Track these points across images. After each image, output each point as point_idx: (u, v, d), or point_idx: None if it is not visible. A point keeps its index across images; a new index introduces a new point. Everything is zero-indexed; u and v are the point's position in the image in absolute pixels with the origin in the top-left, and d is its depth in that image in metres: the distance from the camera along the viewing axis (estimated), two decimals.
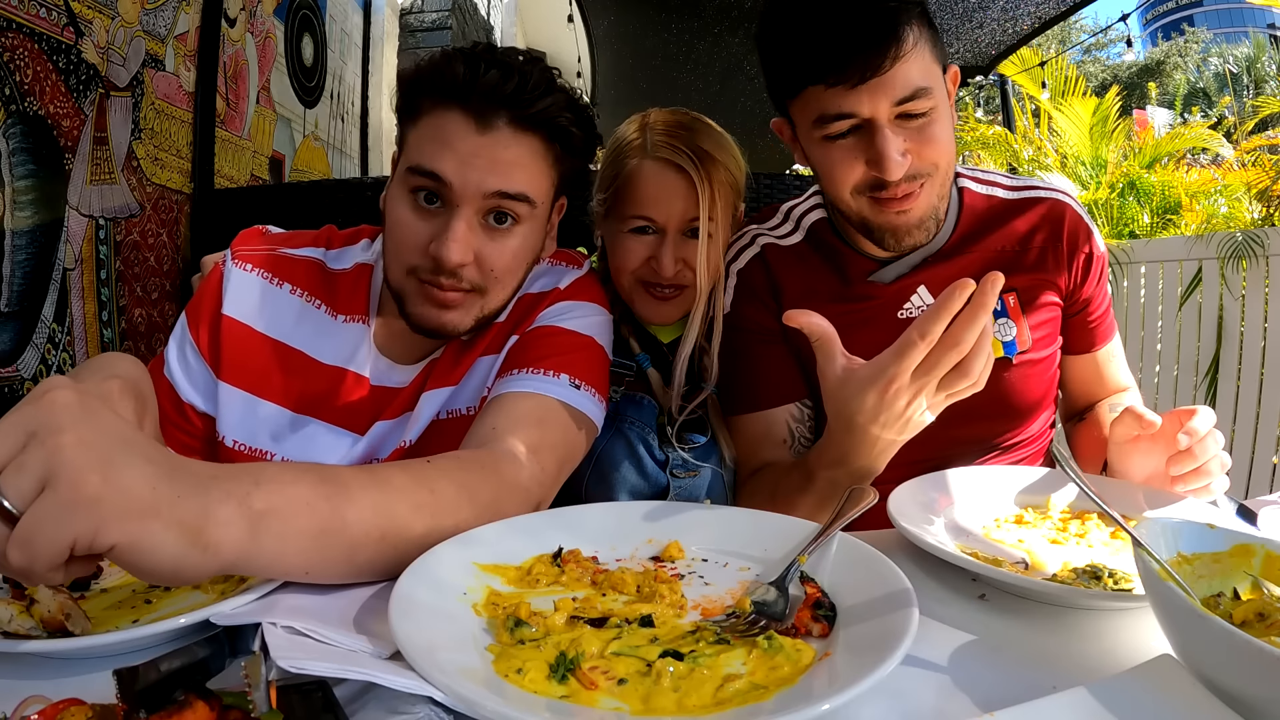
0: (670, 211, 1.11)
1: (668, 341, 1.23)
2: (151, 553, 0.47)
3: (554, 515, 0.74)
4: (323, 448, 0.95)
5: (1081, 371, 1.17)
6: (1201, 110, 17.50)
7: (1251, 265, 2.98)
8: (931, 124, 0.94)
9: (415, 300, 0.89)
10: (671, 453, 1.15)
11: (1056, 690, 0.47)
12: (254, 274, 0.97)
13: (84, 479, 0.45)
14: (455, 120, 0.85)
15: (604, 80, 8.09)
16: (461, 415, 0.97)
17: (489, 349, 0.98)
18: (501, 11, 6.41)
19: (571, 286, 1.01)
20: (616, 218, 1.15)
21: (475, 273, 0.88)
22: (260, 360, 0.95)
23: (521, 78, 0.85)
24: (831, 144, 0.97)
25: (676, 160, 1.10)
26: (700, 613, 0.60)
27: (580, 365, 0.92)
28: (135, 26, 1.67)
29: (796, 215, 1.17)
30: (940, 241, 1.08)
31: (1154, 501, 0.81)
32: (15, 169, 1.36)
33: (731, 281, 1.15)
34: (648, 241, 1.13)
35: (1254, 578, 0.56)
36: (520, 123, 0.86)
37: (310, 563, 0.58)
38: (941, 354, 0.71)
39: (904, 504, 0.76)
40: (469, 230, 0.86)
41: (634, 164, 1.13)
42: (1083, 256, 1.10)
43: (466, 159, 0.84)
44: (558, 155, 0.91)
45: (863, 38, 0.89)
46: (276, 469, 0.57)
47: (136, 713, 0.38)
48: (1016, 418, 1.10)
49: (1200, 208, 4.70)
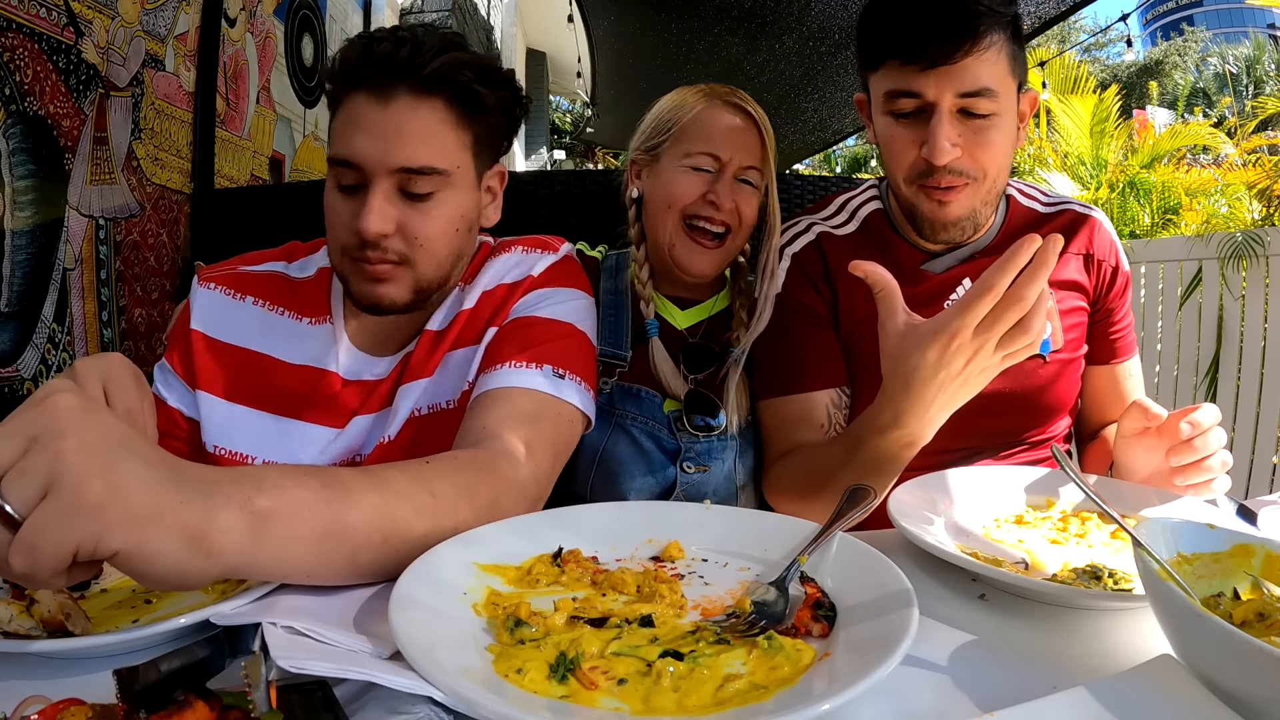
0: (734, 149, 1.14)
1: (685, 327, 1.23)
2: (154, 559, 0.48)
3: (554, 515, 0.74)
4: (300, 444, 0.96)
5: (1099, 383, 1.19)
6: (1202, 110, 17.49)
7: (1252, 265, 2.98)
8: (991, 129, 0.99)
9: (353, 279, 0.92)
10: (685, 440, 1.14)
11: (1056, 690, 0.46)
12: (217, 291, 1.01)
13: (87, 485, 0.45)
14: (360, 102, 0.87)
15: (604, 80, 8.10)
16: (443, 410, 0.97)
17: (463, 340, 0.98)
18: (501, 11, 6.42)
19: (546, 272, 1.01)
20: (673, 157, 1.16)
21: (400, 243, 0.90)
22: (230, 368, 0.98)
23: (415, 44, 0.86)
24: (896, 123, 1.02)
25: (745, 106, 1.17)
26: (700, 613, 0.60)
27: (562, 354, 0.92)
28: (135, 26, 1.67)
29: (852, 207, 1.21)
30: (988, 239, 1.14)
31: (1154, 501, 0.81)
32: (15, 169, 1.36)
33: (785, 264, 1.17)
34: (704, 178, 1.14)
35: (1254, 578, 0.56)
36: (419, 88, 0.87)
37: (312, 566, 0.58)
38: (1005, 309, 0.72)
39: (904, 504, 0.76)
40: (386, 202, 0.87)
41: (699, 109, 1.17)
42: (1109, 268, 1.16)
43: (372, 136, 0.86)
44: (465, 116, 0.91)
45: (945, 26, 0.94)
46: (278, 473, 0.57)
47: (136, 713, 0.38)
48: (1045, 414, 1.13)
49: (1200, 208, 4.70)
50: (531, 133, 9.91)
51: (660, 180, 1.18)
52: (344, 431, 0.97)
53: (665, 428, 1.15)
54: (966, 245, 1.13)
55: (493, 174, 1.00)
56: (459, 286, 1.01)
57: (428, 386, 0.97)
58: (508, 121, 0.97)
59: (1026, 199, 1.20)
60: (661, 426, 1.15)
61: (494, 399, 0.86)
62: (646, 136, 1.22)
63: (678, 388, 1.16)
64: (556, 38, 8.47)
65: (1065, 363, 1.13)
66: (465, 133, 0.91)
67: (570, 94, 12.76)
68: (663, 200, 1.16)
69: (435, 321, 0.98)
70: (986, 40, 0.95)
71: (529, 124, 9.76)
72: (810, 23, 3.91)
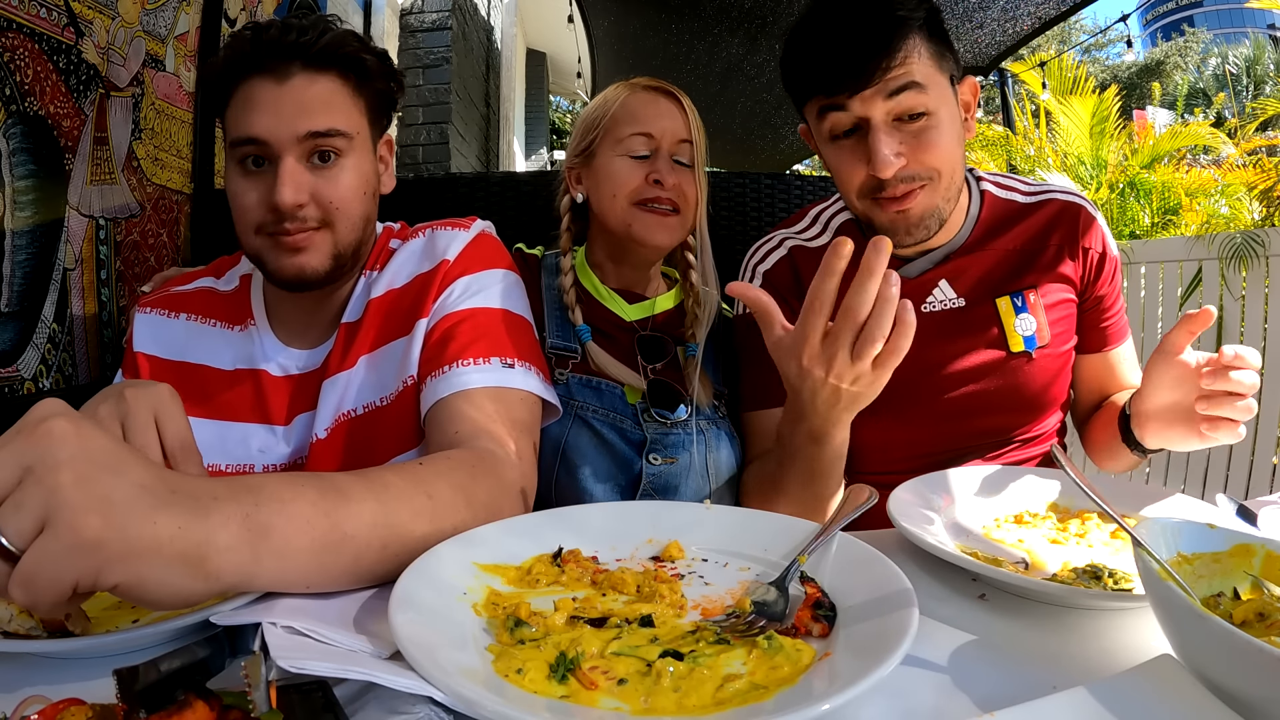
0: (664, 127, 1.16)
1: (635, 319, 1.23)
2: (154, 588, 0.48)
3: (554, 515, 0.74)
4: (238, 441, 0.98)
5: (1094, 370, 1.18)
6: (1202, 111, 17.49)
7: (1252, 266, 2.98)
8: (930, 130, 0.98)
9: (270, 255, 0.94)
10: (652, 430, 1.14)
11: (1056, 690, 0.46)
12: (152, 314, 1.05)
13: (83, 522, 0.44)
14: (256, 85, 0.90)
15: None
16: (378, 407, 0.97)
17: (387, 333, 0.99)
18: (501, 11, 6.41)
19: (463, 255, 1.01)
20: (607, 149, 1.18)
21: (315, 209, 0.92)
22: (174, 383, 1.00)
23: (301, 28, 0.90)
24: (838, 145, 1.02)
25: (663, 88, 1.20)
26: (700, 613, 0.60)
27: (504, 342, 0.94)
28: (135, 26, 1.67)
29: (825, 218, 1.21)
30: (961, 239, 1.13)
31: (1154, 501, 0.81)
32: (15, 169, 1.36)
33: (756, 281, 1.18)
34: (642, 163, 1.16)
35: (1254, 578, 0.56)
36: (313, 63, 0.91)
37: (312, 577, 0.58)
38: (841, 322, 0.74)
39: (904, 504, 0.76)
40: (297, 171, 0.90)
41: (624, 97, 1.19)
42: (1095, 255, 1.14)
43: (274, 111, 0.89)
44: (358, 84, 0.96)
45: (854, 53, 0.95)
46: (276, 484, 0.57)
47: (136, 713, 0.38)
48: (1033, 411, 1.13)
49: (1200, 208, 4.70)
50: (531, 133, 9.90)
51: (599, 176, 1.19)
52: (289, 429, 0.99)
53: (630, 418, 1.15)
54: (940, 247, 1.12)
55: (384, 142, 1.04)
56: (365, 274, 1.03)
57: (356, 384, 0.98)
58: (390, 91, 1.01)
59: (1005, 190, 1.18)
60: (625, 418, 1.15)
61: (454, 404, 0.87)
62: (577, 141, 1.24)
63: (633, 382, 1.16)
64: (556, 38, 8.47)
65: (1052, 358, 1.12)
66: (360, 99, 0.96)
67: (570, 94, 12.76)
68: (608, 192, 1.17)
69: (349, 314, 1.00)
70: (901, 53, 0.95)
71: (529, 124, 9.75)
72: None
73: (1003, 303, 1.11)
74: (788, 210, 1.69)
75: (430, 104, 4.51)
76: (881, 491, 0.77)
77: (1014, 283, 1.12)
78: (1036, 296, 1.11)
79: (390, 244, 1.06)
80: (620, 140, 1.16)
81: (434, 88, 4.52)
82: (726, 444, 1.18)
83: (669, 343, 1.22)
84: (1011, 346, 1.10)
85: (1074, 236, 1.13)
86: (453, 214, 1.11)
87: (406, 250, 1.03)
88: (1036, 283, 1.11)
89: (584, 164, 1.23)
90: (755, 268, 1.19)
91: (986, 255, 1.12)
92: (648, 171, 1.15)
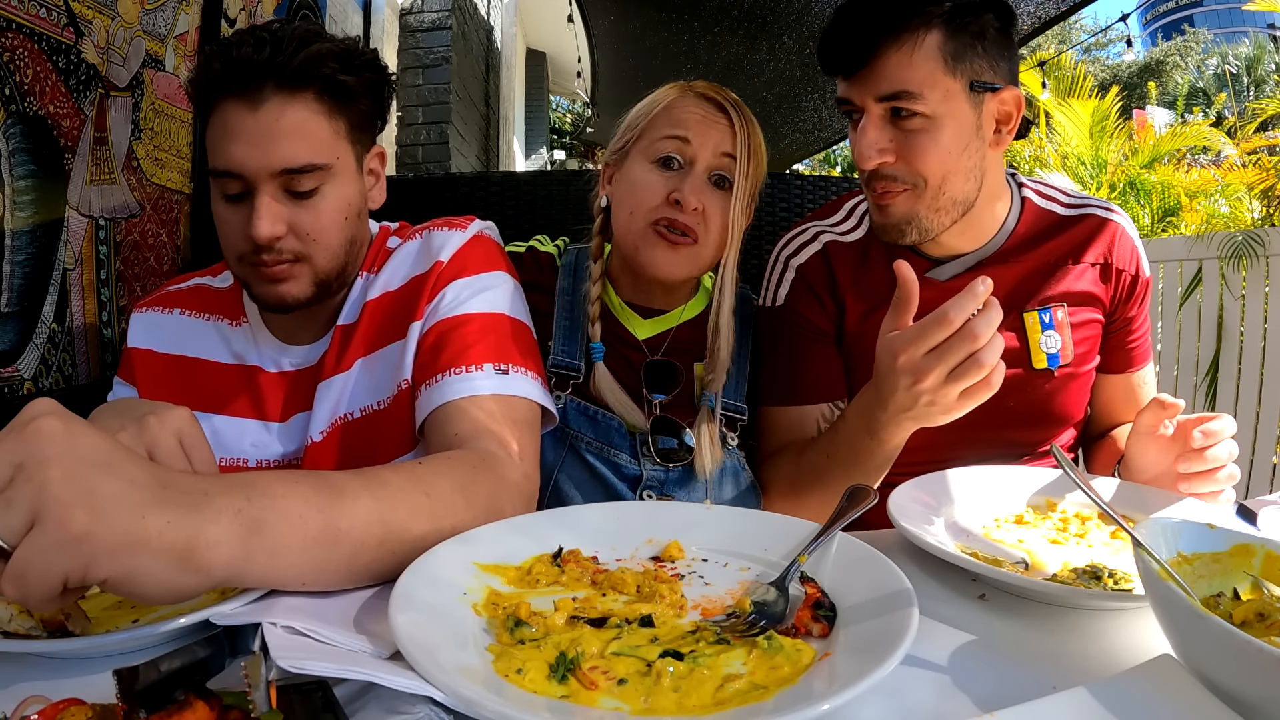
0: (704, 138, 1.04)
1: (645, 337, 1.14)
2: (144, 581, 0.48)
3: (554, 515, 0.74)
4: (232, 435, 0.98)
5: (1112, 392, 1.17)
6: (1202, 110, 17.49)
7: (1252, 265, 2.98)
8: (921, 133, 0.95)
9: (253, 283, 0.93)
10: (649, 468, 1.06)
11: (1056, 690, 0.46)
12: (147, 312, 1.05)
13: (71, 517, 0.45)
14: (231, 109, 0.87)
15: (604, 80, 8.10)
16: (375, 411, 0.97)
17: (382, 337, 0.98)
18: (501, 11, 6.41)
19: (457, 257, 0.99)
20: (641, 149, 1.08)
21: (294, 242, 0.90)
22: (168, 377, 1.01)
23: (275, 42, 0.86)
24: (851, 126, 1.02)
25: (718, 98, 1.08)
26: (700, 613, 0.60)
27: (498, 348, 0.92)
28: (135, 26, 1.67)
29: (861, 211, 1.18)
30: (996, 245, 1.09)
31: (1154, 502, 0.81)
32: (15, 169, 1.35)
33: (789, 275, 1.14)
34: (671, 176, 1.04)
35: (1254, 578, 0.56)
36: (286, 85, 0.86)
37: (306, 573, 0.58)
38: (958, 341, 0.73)
39: (904, 504, 0.76)
40: (273, 205, 0.88)
41: (671, 98, 1.09)
42: (1128, 277, 1.11)
43: (249, 143, 0.86)
44: (336, 106, 0.91)
45: (858, 32, 0.95)
46: (269, 480, 0.57)
47: (136, 713, 0.38)
48: (1052, 426, 1.12)
49: (1200, 208, 4.70)
50: (531, 133, 9.90)
51: (624, 183, 1.09)
52: (284, 426, 0.98)
53: (625, 452, 1.07)
54: (973, 252, 1.08)
55: (372, 156, 1.00)
56: (361, 276, 1.01)
57: (351, 387, 0.97)
58: (378, 103, 0.97)
59: (1045, 200, 1.14)
60: (620, 452, 1.07)
61: (452, 409, 0.87)
62: (618, 137, 1.14)
63: (634, 419, 1.07)
64: (556, 38, 8.47)
65: (1074, 376, 1.10)
66: (339, 121, 0.91)
67: (570, 94, 12.76)
68: (626, 205, 1.07)
69: (345, 316, 0.99)
70: (909, 43, 0.92)
71: (529, 124, 9.75)
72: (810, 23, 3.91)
73: (1030, 318, 1.08)
74: (787, 210, 1.69)
75: (430, 104, 4.51)
76: (883, 492, 0.77)
77: (1043, 297, 1.09)
78: (1065, 314, 1.08)
79: (388, 244, 1.04)
80: (654, 142, 1.06)
81: (434, 87, 4.52)
82: (731, 481, 1.09)
83: (680, 369, 1.11)
84: (1035, 364, 1.07)
85: (1108, 254, 1.10)
86: (452, 214, 1.08)
87: (403, 252, 1.02)
88: (1066, 300, 1.09)
89: (617, 164, 1.13)
90: (788, 260, 1.15)
91: (1019, 266, 1.08)
92: (671, 189, 1.03)
